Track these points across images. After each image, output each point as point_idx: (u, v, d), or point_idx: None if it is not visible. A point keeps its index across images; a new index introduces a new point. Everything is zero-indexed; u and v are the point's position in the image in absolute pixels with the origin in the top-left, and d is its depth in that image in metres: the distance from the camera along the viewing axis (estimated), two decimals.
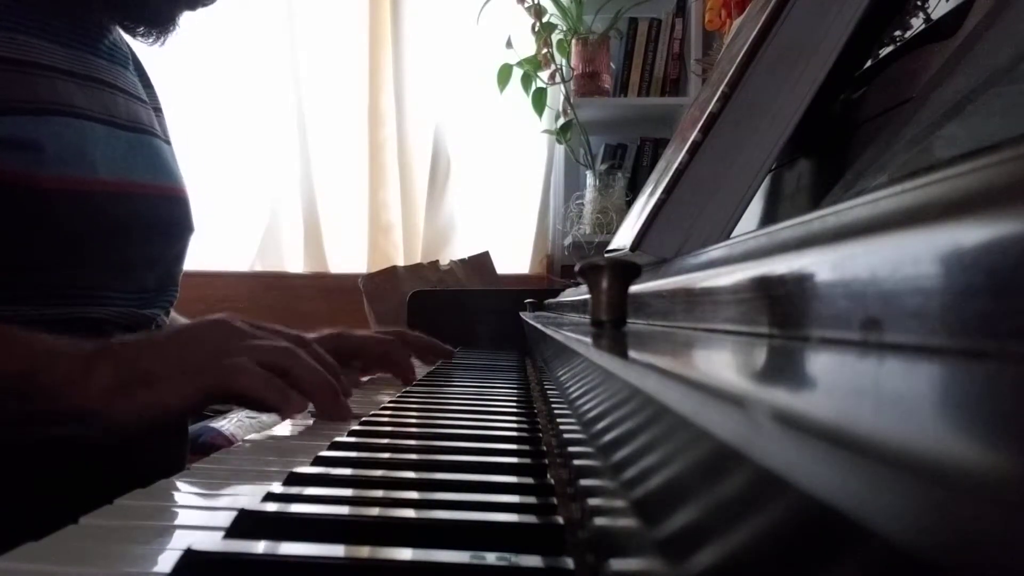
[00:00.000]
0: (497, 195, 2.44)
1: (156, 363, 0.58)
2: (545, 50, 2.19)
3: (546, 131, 2.34)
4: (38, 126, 0.65)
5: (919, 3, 0.48)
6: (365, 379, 0.88)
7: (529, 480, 0.37)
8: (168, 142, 0.85)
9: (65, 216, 0.67)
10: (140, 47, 0.83)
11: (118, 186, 0.72)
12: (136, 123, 0.78)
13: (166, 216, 0.79)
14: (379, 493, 0.35)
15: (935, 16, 0.45)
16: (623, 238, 0.58)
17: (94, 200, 0.69)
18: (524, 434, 0.50)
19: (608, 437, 0.22)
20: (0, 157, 0.62)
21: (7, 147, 0.63)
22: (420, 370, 0.91)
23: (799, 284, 0.19)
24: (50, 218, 0.66)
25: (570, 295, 1.00)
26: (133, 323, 0.75)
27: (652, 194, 0.50)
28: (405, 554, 0.26)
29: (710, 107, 0.45)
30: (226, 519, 0.29)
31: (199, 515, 0.35)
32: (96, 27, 0.76)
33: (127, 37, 0.82)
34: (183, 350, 0.59)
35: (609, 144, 2.35)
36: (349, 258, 2.41)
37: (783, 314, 0.20)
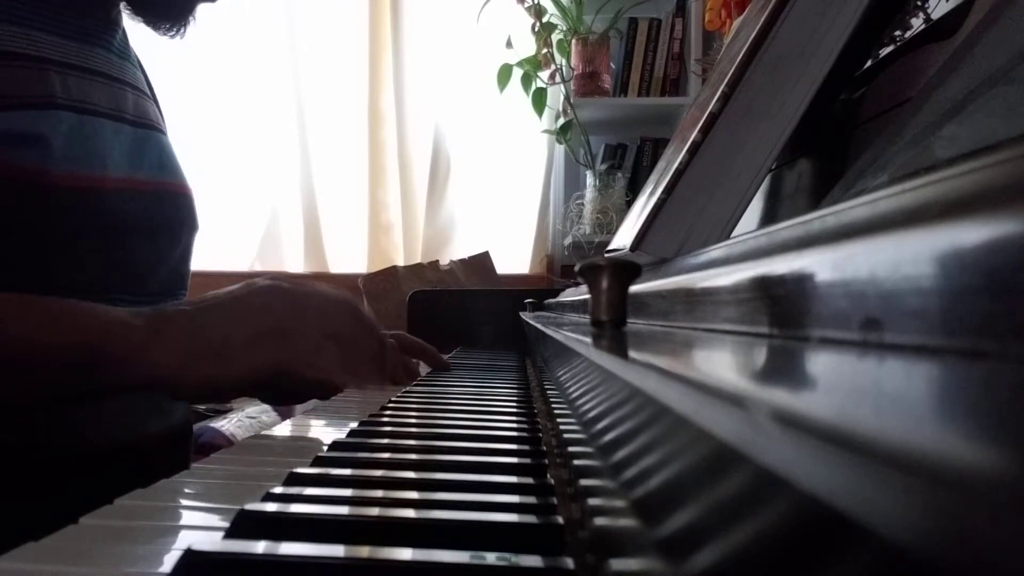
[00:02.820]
0: (497, 195, 2.44)
1: (222, 331, 0.58)
2: (545, 50, 2.19)
3: (546, 131, 2.34)
4: (49, 121, 0.65)
5: (919, 3, 0.48)
6: None
7: (529, 480, 0.37)
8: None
9: (74, 213, 0.67)
10: (140, 47, 0.83)
11: (126, 183, 0.72)
12: (144, 119, 0.78)
13: (172, 213, 0.79)
14: (379, 493, 0.35)
15: (935, 16, 0.45)
16: (623, 238, 0.58)
17: (103, 197, 0.69)
18: (524, 434, 0.50)
19: (608, 437, 0.22)
20: (10, 152, 0.62)
21: (17, 142, 0.62)
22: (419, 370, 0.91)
23: (799, 284, 0.19)
24: (59, 215, 0.65)
25: (570, 295, 1.00)
26: None
27: (652, 194, 0.50)
28: (405, 554, 0.26)
29: (710, 107, 0.45)
30: (226, 519, 0.29)
31: (199, 515, 0.35)
32: (106, 22, 0.76)
33: (132, 34, 0.82)
34: (245, 318, 0.59)
35: (609, 144, 2.35)
36: (349, 258, 2.41)
37: (783, 314, 0.20)
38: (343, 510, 0.32)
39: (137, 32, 0.82)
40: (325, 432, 0.56)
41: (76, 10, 0.72)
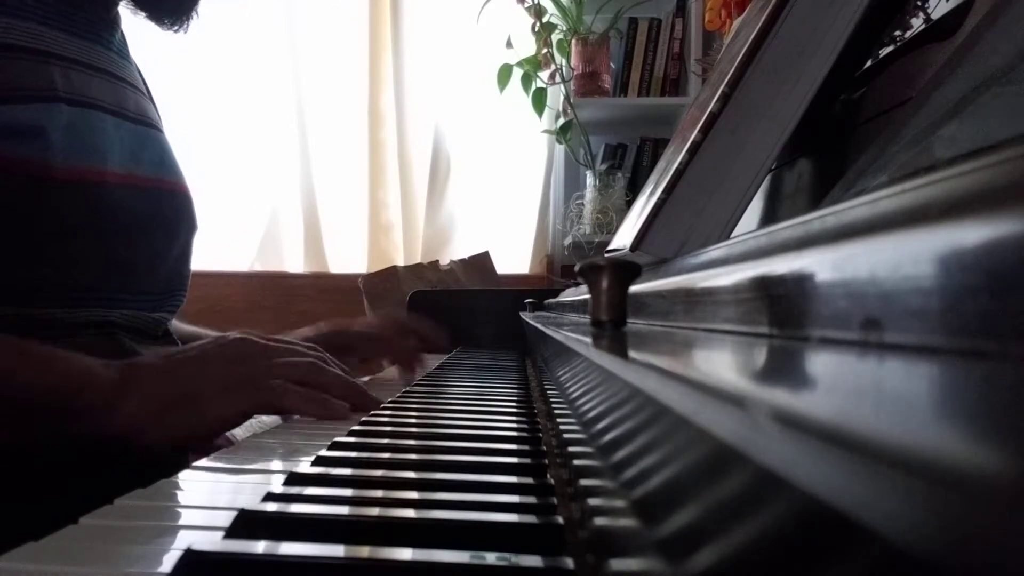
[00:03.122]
0: (497, 195, 2.44)
1: (194, 383, 0.60)
2: (545, 50, 2.19)
3: (546, 131, 2.34)
4: (49, 114, 0.65)
5: (919, 3, 0.48)
6: (366, 379, 0.88)
7: (529, 480, 0.37)
8: None
9: (74, 207, 0.66)
10: (141, 46, 0.83)
11: (126, 178, 0.72)
12: (144, 117, 0.78)
13: (170, 212, 0.79)
14: (379, 493, 0.35)
15: (935, 16, 0.45)
16: (623, 238, 0.58)
17: (103, 191, 0.69)
18: (524, 434, 0.50)
19: (608, 437, 0.22)
20: (10, 145, 0.62)
21: (17, 134, 0.63)
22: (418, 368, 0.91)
23: (799, 284, 0.19)
24: (59, 208, 0.65)
25: (570, 295, 1.00)
26: (141, 326, 0.75)
27: (652, 194, 0.50)
28: (405, 554, 0.26)
29: (710, 107, 0.45)
30: (226, 519, 0.29)
31: (199, 515, 0.35)
32: (106, 20, 0.76)
33: (133, 33, 0.82)
34: (218, 369, 0.61)
35: (609, 144, 2.35)
36: (349, 258, 2.41)
37: (783, 314, 0.20)
38: (343, 510, 0.32)
39: (138, 32, 0.82)
40: (325, 432, 0.56)
41: (78, 7, 0.72)
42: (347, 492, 0.36)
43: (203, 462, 0.44)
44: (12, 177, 0.62)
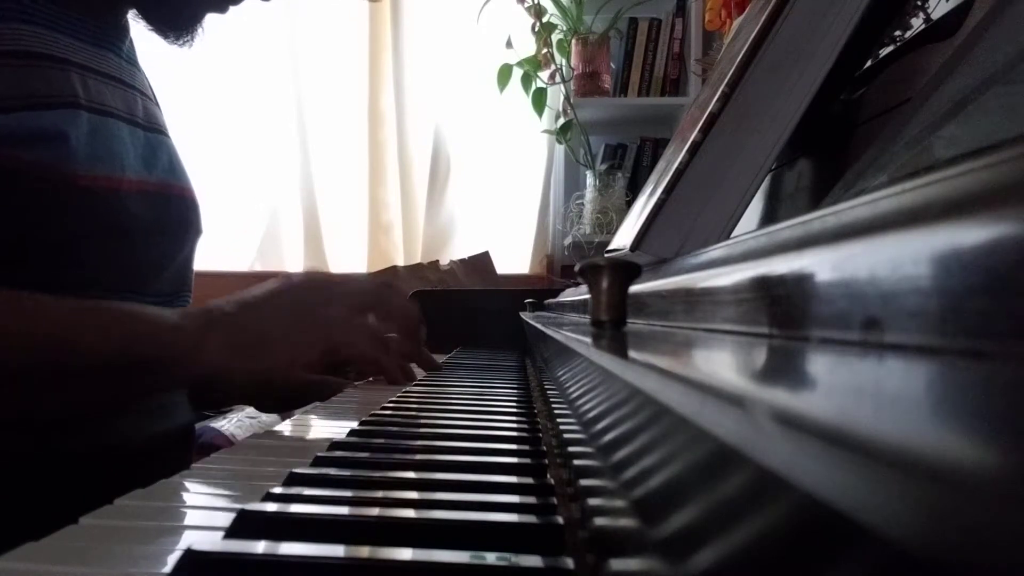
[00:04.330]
0: (497, 195, 2.44)
1: (263, 324, 0.63)
2: (545, 50, 2.19)
3: (546, 131, 2.34)
4: (72, 121, 0.65)
5: (919, 3, 0.48)
6: (369, 379, 0.88)
7: (529, 480, 0.37)
8: None
9: (92, 213, 0.67)
10: (141, 46, 0.84)
11: (140, 185, 0.73)
12: (154, 123, 0.79)
13: (179, 217, 0.80)
14: (379, 493, 0.35)
15: (935, 16, 0.45)
16: (623, 238, 0.58)
17: (119, 198, 0.70)
18: (524, 434, 0.50)
19: (608, 437, 0.22)
20: (36, 151, 0.63)
21: (43, 141, 0.63)
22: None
23: (799, 284, 0.19)
24: (79, 214, 0.66)
25: (570, 295, 1.00)
26: None
27: (652, 194, 0.50)
28: (405, 554, 0.26)
29: (710, 107, 0.45)
30: (226, 519, 0.29)
31: (199, 515, 0.35)
32: (116, 27, 0.77)
33: (134, 34, 0.82)
34: (283, 309, 0.64)
35: (609, 144, 2.35)
36: (349, 258, 2.41)
37: (783, 314, 0.20)
38: (343, 510, 0.32)
39: (138, 31, 0.82)
40: (325, 432, 0.56)
41: (90, 14, 0.73)
42: (347, 492, 0.36)
43: (203, 462, 0.44)
44: (35, 182, 0.63)
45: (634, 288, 0.37)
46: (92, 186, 0.67)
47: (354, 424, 0.54)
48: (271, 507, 0.31)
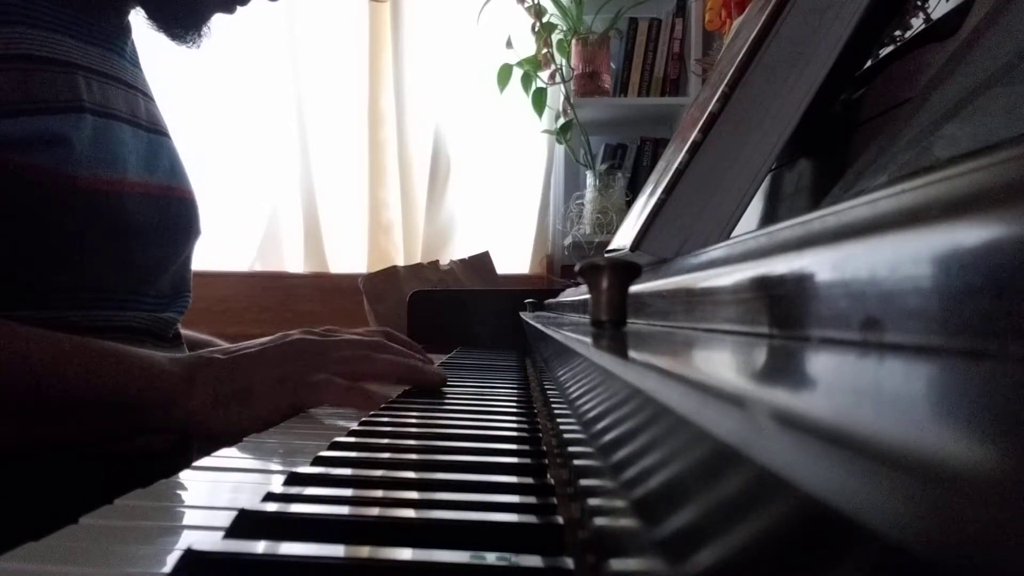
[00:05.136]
0: (497, 195, 2.44)
1: (250, 379, 0.64)
2: (545, 50, 2.19)
3: (546, 131, 2.34)
4: (75, 124, 0.65)
5: (919, 3, 0.48)
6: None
7: (529, 480, 0.37)
8: None
9: (95, 215, 0.67)
10: (141, 46, 0.84)
11: (142, 187, 0.73)
12: (155, 125, 0.79)
13: (179, 219, 0.80)
14: (379, 493, 0.35)
15: (935, 16, 0.45)
16: (623, 238, 0.58)
17: (122, 200, 0.70)
18: (524, 434, 0.50)
19: (608, 437, 0.22)
20: (40, 155, 0.63)
21: (47, 144, 0.63)
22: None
23: (799, 284, 0.19)
24: (82, 216, 0.67)
25: (570, 295, 1.00)
26: (155, 328, 0.76)
27: (652, 194, 0.50)
28: (405, 554, 0.26)
29: (710, 107, 0.45)
30: (226, 519, 0.29)
31: (199, 515, 0.35)
32: (119, 28, 0.77)
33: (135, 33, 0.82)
34: (271, 366, 0.65)
35: (609, 144, 2.35)
36: (349, 258, 2.41)
37: (783, 314, 0.20)
38: (343, 510, 0.32)
39: (138, 31, 0.82)
40: (325, 432, 0.56)
41: (94, 15, 0.73)
42: (347, 492, 0.36)
43: (203, 462, 0.44)
44: (38, 185, 0.63)
45: (634, 288, 0.37)
46: (94, 188, 0.67)
47: (354, 424, 0.54)
48: (271, 507, 0.31)
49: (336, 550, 0.26)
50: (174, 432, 0.63)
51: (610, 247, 0.73)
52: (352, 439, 0.48)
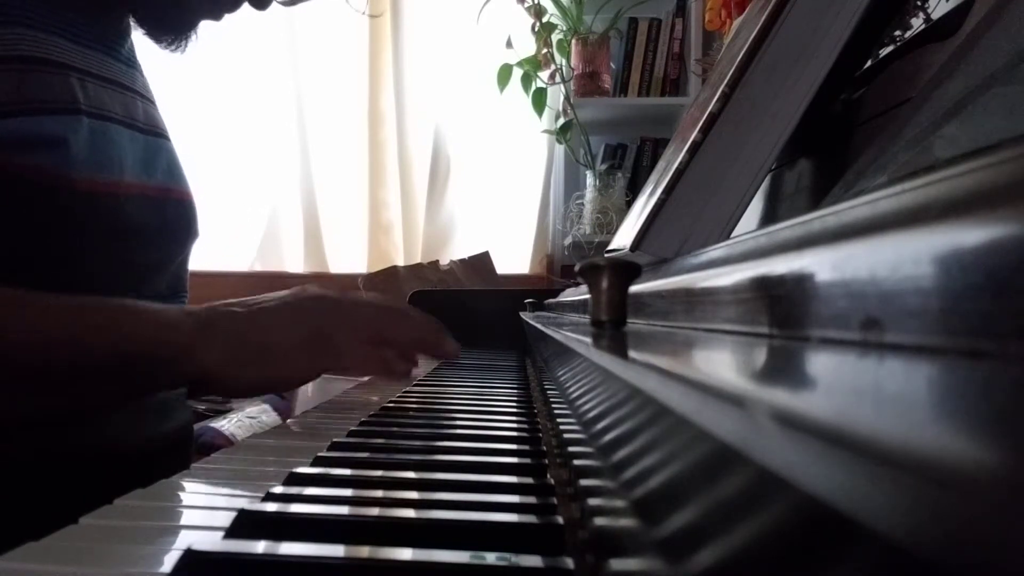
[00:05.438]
0: (497, 195, 2.44)
1: (269, 336, 0.62)
2: (545, 50, 2.19)
3: (546, 131, 2.34)
4: (72, 126, 0.65)
5: (919, 3, 0.48)
6: (366, 378, 0.88)
7: (529, 480, 0.37)
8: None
9: (92, 217, 0.67)
10: (140, 46, 0.84)
11: (138, 189, 0.73)
12: (153, 126, 0.79)
13: (177, 220, 0.80)
14: (379, 493, 0.35)
15: (935, 16, 0.45)
16: (623, 238, 0.58)
17: (118, 202, 0.70)
18: (524, 434, 0.50)
19: (608, 437, 0.22)
20: (37, 156, 0.63)
21: (43, 146, 0.63)
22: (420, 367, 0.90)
23: (799, 284, 0.19)
24: (79, 219, 0.66)
25: (570, 295, 1.00)
26: None
27: (652, 194, 0.50)
28: (405, 554, 0.26)
29: (710, 107, 0.45)
30: (226, 519, 0.29)
31: (199, 515, 0.35)
32: (117, 30, 0.77)
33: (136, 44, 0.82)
34: (294, 326, 0.63)
35: (609, 144, 2.35)
36: (349, 258, 2.41)
37: (783, 314, 0.20)
38: (343, 510, 0.32)
39: (138, 32, 0.82)
40: (325, 431, 0.56)
41: (91, 18, 0.73)
42: (347, 492, 0.36)
43: (203, 462, 0.44)
44: (35, 187, 0.63)
45: (634, 288, 0.37)
46: (91, 191, 0.67)
47: (354, 424, 0.54)
48: (271, 507, 0.31)
49: (336, 550, 0.26)
50: (193, 386, 0.61)
51: (610, 247, 0.73)
52: (352, 439, 0.48)
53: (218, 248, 2.26)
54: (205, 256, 2.15)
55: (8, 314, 0.55)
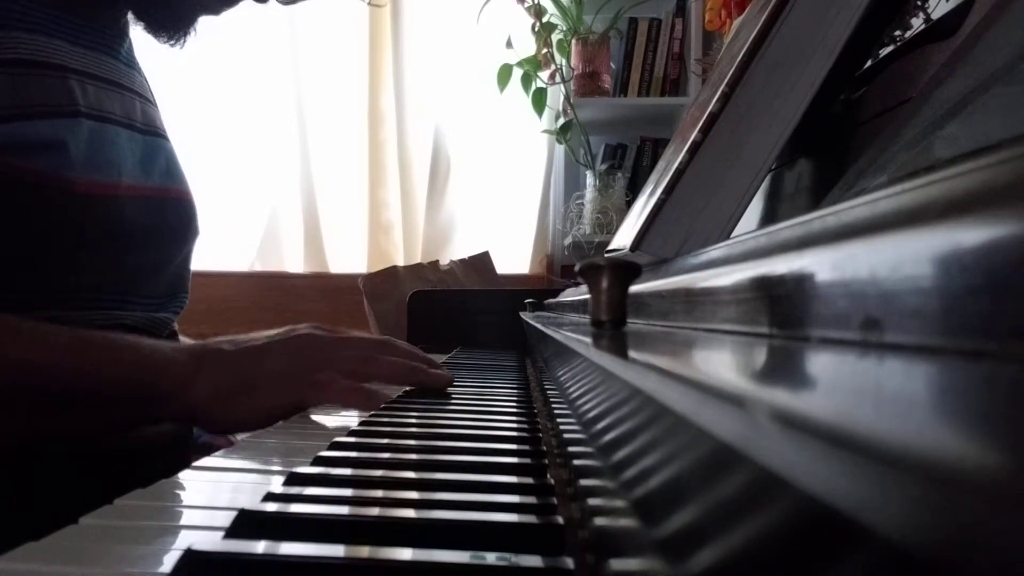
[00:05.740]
0: (497, 195, 2.44)
1: (255, 371, 0.64)
2: (545, 50, 2.19)
3: (546, 131, 2.34)
4: (71, 129, 0.66)
5: (919, 3, 0.48)
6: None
7: (529, 480, 0.37)
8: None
9: (91, 219, 0.68)
10: (140, 46, 0.84)
11: (137, 190, 0.73)
12: (152, 127, 0.79)
13: (176, 220, 0.80)
14: (379, 493, 0.35)
15: (935, 16, 0.45)
16: (623, 238, 0.58)
17: (117, 204, 0.70)
18: (524, 434, 0.50)
19: (608, 437, 0.22)
20: (36, 159, 0.63)
21: (43, 149, 0.64)
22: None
23: (799, 284, 0.19)
24: (78, 220, 0.67)
25: (570, 295, 1.00)
26: (149, 327, 0.76)
27: (652, 194, 0.50)
28: (405, 554, 0.26)
29: (710, 107, 0.45)
30: (226, 519, 0.29)
31: (199, 515, 0.35)
32: (115, 31, 0.77)
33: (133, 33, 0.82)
34: (276, 361, 0.65)
35: (609, 144, 2.35)
36: (349, 258, 2.41)
37: (783, 314, 0.20)
38: (343, 510, 0.32)
39: (136, 31, 0.82)
40: (325, 431, 0.56)
41: (89, 19, 0.73)
42: (347, 492, 0.36)
43: (203, 462, 0.44)
44: (35, 190, 0.63)
45: (634, 288, 0.37)
46: (90, 192, 0.67)
47: (354, 424, 0.54)
48: (271, 507, 0.31)
49: (336, 550, 0.26)
50: (177, 421, 0.63)
51: (610, 247, 0.73)
52: (352, 439, 0.48)
53: (218, 248, 2.26)
54: (205, 256, 2.14)
55: (16, 339, 0.57)
